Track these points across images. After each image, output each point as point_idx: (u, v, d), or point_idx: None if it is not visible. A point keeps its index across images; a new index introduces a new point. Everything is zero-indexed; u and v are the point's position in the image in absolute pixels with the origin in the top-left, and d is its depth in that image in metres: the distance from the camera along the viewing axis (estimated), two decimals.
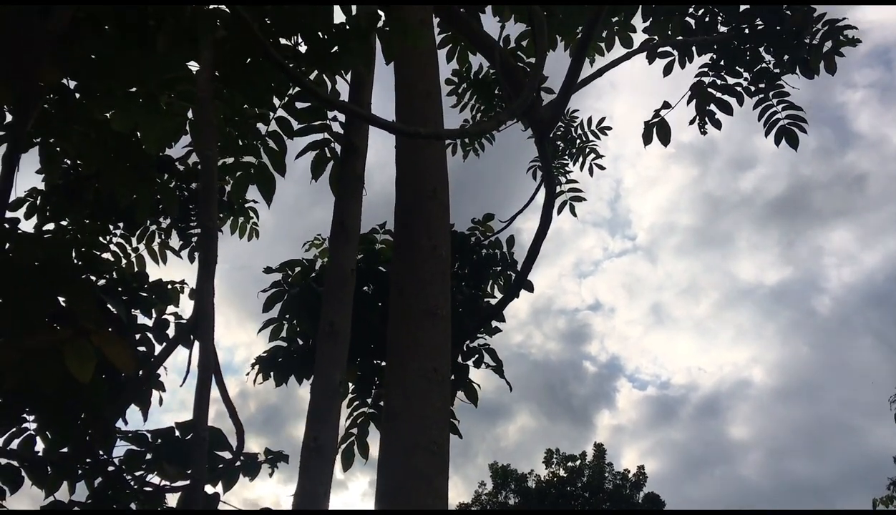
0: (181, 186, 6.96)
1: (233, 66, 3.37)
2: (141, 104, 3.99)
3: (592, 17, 5.23)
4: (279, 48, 3.44)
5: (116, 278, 5.31)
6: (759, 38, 6.81)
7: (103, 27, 4.19)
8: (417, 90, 4.25)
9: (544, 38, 3.94)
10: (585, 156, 8.68)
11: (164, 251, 5.46)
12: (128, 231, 6.68)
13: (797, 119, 7.03)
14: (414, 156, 3.95)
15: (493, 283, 8.21)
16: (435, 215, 3.81)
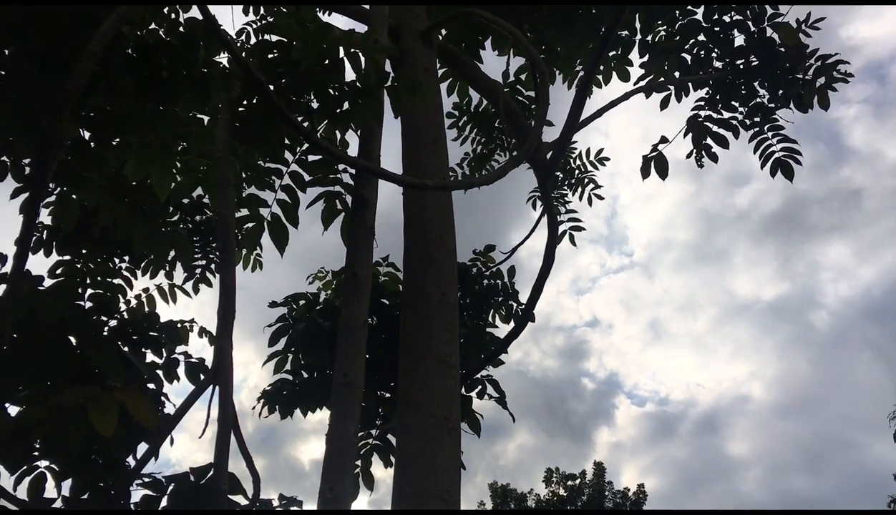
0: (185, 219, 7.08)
1: (247, 123, 3.48)
2: (155, 155, 4.11)
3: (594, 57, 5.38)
4: (292, 104, 3.57)
5: (127, 319, 5.41)
6: (754, 73, 6.96)
7: (118, 79, 4.32)
8: (423, 138, 4.38)
9: (546, 88, 4.07)
10: (584, 186, 8.81)
11: (173, 290, 5.55)
12: (133, 264, 6.79)
13: (792, 151, 7.17)
14: (421, 204, 4.07)
15: (495, 313, 8.33)
16: (443, 262, 3.92)
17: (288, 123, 3.20)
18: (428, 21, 7.54)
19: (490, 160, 8.38)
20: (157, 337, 5.31)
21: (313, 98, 3.51)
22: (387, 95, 3.58)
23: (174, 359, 5.38)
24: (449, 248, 4.02)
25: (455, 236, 4.13)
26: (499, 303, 8.31)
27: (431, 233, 3.99)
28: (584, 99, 5.29)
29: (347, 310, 3.35)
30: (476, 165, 8.41)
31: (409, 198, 4.15)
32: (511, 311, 8.24)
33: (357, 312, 3.33)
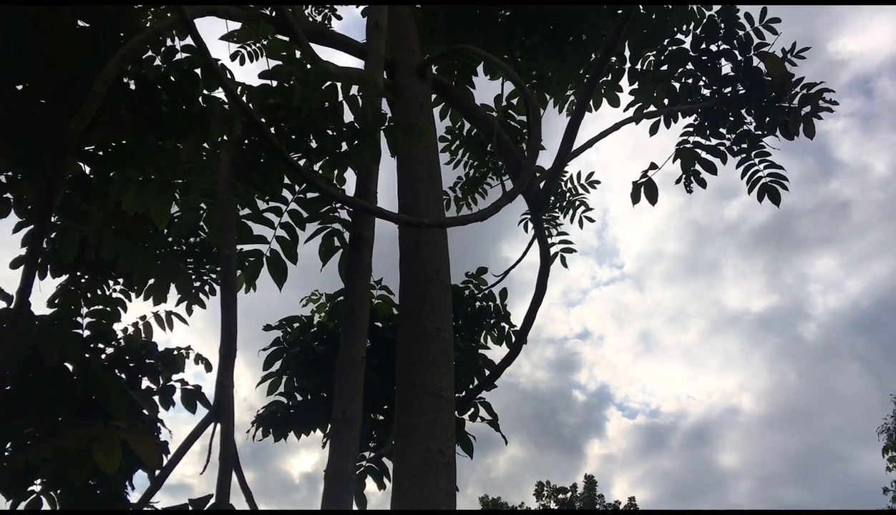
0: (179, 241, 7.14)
1: (248, 163, 3.57)
2: (155, 189, 4.19)
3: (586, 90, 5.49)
4: (291, 144, 3.66)
5: (124, 346, 5.48)
6: (741, 102, 7.10)
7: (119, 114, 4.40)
8: (419, 173, 4.48)
9: (538, 124, 4.18)
10: (576, 209, 8.92)
11: (170, 318, 5.62)
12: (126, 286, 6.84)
13: (778, 177, 7.31)
14: (416, 240, 4.16)
15: (487, 335, 8.43)
16: (437, 297, 4.02)
17: (288, 166, 3.29)
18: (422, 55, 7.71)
19: (482, 184, 8.49)
20: (154, 364, 5.39)
21: (312, 139, 3.60)
22: (384, 135, 3.68)
23: (170, 386, 5.46)
24: (444, 282, 4.11)
25: (449, 270, 4.23)
26: (491, 325, 8.42)
27: (427, 268, 4.08)
28: (576, 131, 5.41)
29: (345, 347, 3.43)
30: (468, 189, 8.52)
31: (405, 234, 4.24)
32: (503, 333, 8.34)
33: (355, 349, 3.42)
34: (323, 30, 4.97)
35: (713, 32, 7.13)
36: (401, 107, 4.80)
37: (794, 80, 7.13)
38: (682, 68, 7.27)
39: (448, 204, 8.54)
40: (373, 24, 4.28)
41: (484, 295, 8.32)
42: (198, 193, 3.90)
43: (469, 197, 8.64)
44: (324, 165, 3.70)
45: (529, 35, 7.68)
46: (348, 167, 3.65)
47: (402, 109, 4.78)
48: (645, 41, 7.53)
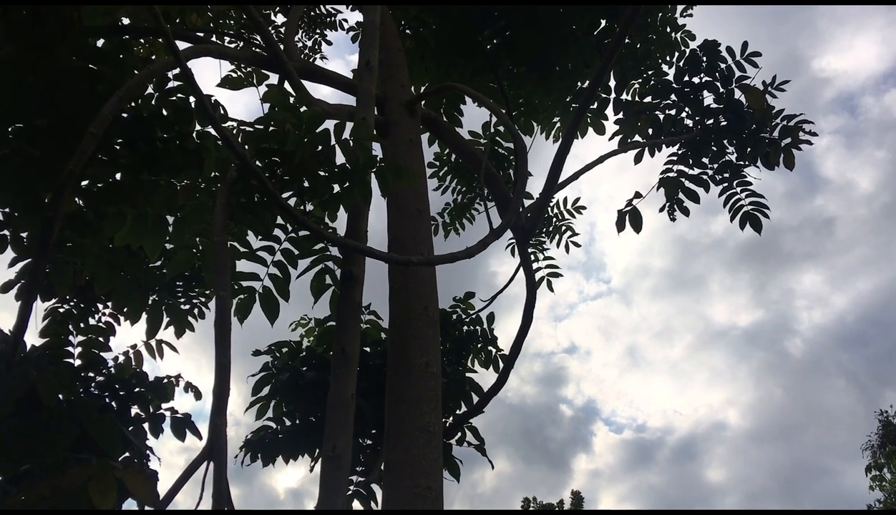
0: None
1: (243, 205, 3.67)
2: (149, 225, 4.28)
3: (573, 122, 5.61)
4: (285, 184, 3.76)
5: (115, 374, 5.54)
6: (723, 133, 7.27)
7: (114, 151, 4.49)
8: (408, 209, 4.60)
9: (524, 162, 4.30)
10: (562, 234, 9.06)
11: (160, 346, 5.68)
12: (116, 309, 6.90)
13: (760, 205, 7.48)
14: (405, 276, 4.27)
15: (474, 358, 8.54)
16: (426, 332, 4.12)
17: (282, 209, 3.39)
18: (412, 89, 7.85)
19: (470, 209, 8.61)
20: (144, 393, 5.46)
21: (305, 180, 3.71)
22: (374, 177, 3.79)
23: (160, 415, 5.52)
24: (432, 318, 4.21)
25: (438, 305, 4.33)
26: (478, 349, 8.53)
27: (415, 304, 4.18)
28: (562, 164, 5.53)
29: (336, 385, 3.51)
30: (456, 215, 8.64)
31: (395, 271, 4.35)
32: (490, 357, 8.47)
33: (345, 386, 3.50)
34: (314, 67, 5.08)
35: (695, 65, 7.30)
36: (391, 144, 4.91)
37: (774, 111, 7.32)
38: (666, 100, 7.43)
39: (436, 229, 8.66)
40: (364, 63, 4.39)
41: (471, 319, 8.44)
42: (192, 231, 3.99)
43: (457, 222, 8.76)
44: (316, 205, 3.80)
45: (517, 65, 7.84)
46: (340, 207, 3.75)
47: (392, 146, 4.90)
48: (629, 71, 7.69)
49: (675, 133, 7.38)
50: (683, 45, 8.45)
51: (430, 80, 8.09)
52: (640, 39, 8.31)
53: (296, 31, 5.19)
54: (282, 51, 4.71)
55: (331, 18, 10.00)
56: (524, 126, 8.52)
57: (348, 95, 5.33)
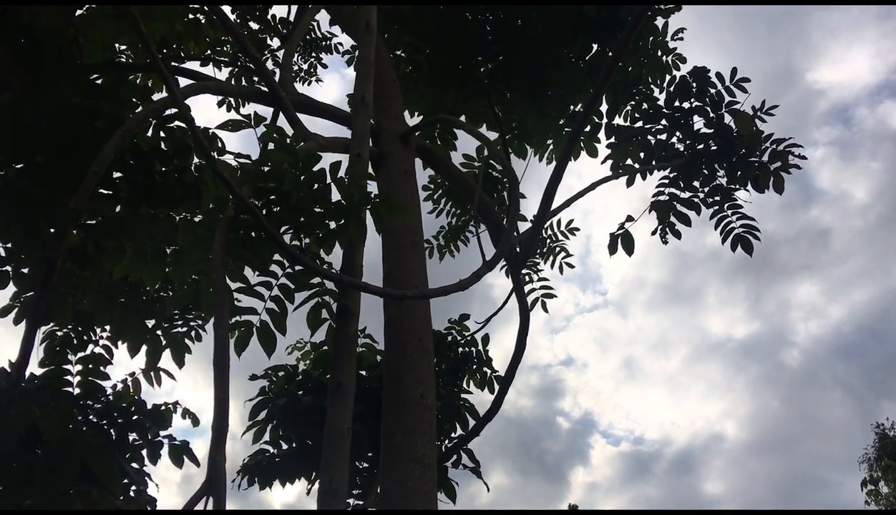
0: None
1: (240, 242, 3.75)
2: (148, 258, 4.37)
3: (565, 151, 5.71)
4: (282, 220, 3.85)
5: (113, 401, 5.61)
6: (713, 157, 7.39)
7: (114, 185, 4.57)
8: (403, 242, 4.69)
9: (517, 193, 4.40)
10: (556, 255, 9.14)
11: (158, 374, 5.75)
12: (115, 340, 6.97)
13: (751, 228, 7.58)
14: (400, 309, 4.36)
15: (470, 379, 8.62)
16: (420, 364, 4.20)
17: (279, 247, 3.48)
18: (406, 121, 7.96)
19: (464, 231, 8.70)
20: (143, 421, 5.52)
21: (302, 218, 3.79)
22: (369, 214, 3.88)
23: (158, 442, 5.59)
24: (427, 349, 4.30)
25: (432, 337, 4.41)
26: (473, 370, 8.61)
27: (410, 336, 4.27)
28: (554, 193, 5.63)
29: (332, 418, 3.59)
30: (451, 237, 8.73)
31: (390, 304, 4.43)
32: (486, 378, 8.55)
33: (341, 420, 3.58)
34: (311, 101, 5.17)
35: (685, 91, 7.42)
36: (385, 176, 5.01)
37: (763, 135, 7.44)
38: (656, 124, 7.55)
39: (431, 252, 8.74)
40: (359, 98, 4.49)
41: (466, 340, 8.52)
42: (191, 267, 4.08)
43: (451, 244, 8.85)
44: (312, 241, 3.89)
45: (510, 90, 7.95)
46: (335, 243, 3.83)
47: (387, 177, 4.99)
48: (621, 96, 7.82)
49: (665, 157, 7.49)
50: (675, 68, 8.56)
51: (425, 106, 8.20)
52: (632, 63, 8.42)
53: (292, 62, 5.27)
54: (278, 85, 4.81)
55: (326, 42, 10.13)
56: (518, 149, 8.62)
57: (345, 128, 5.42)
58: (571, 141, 5.61)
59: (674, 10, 8.48)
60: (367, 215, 3.96)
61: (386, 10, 7.92)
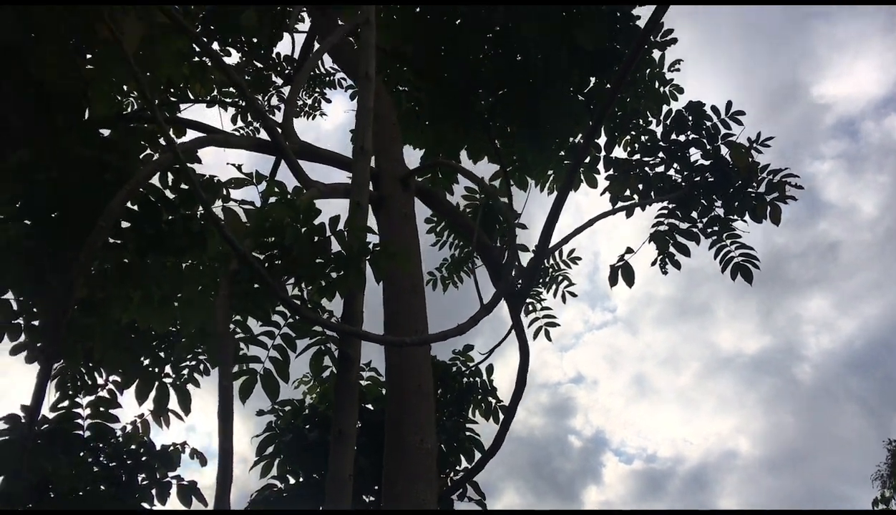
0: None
1: (244, 294, 3.87)
2: (155, 307, 4.50)
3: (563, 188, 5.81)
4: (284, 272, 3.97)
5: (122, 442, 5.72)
6: (710, 189, 7.49)
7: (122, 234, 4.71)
8: (403, 285, 4.80)
9: (514, 239, 4.51)
10: (558, 284, 9.23)
11: (167, 416, 5.86)
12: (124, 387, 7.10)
13: (750, 257, 7.67)
14: (400, 354, 4.47)
15: (475, 409, 8.71)
16: (419, 408, 4.30)
17: (281, 301, 3.60)
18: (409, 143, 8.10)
19: (467, 263, 8.80)
20: (151, 462, 5.63)
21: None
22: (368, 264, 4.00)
23: (167, 483, 5.69)
24: (426, 393, 4.40)
25: (431, 380, 4.52)
26: (478, 400, 8.70)
27: (410, 381, 4.38)
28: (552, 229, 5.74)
29: (333, 466, 3.68)
30: (453, 269, 8.84)
31: (390, 349, 4.54)
32: (490, 408, 8.64)
33: (343, 468, 3.67)
34: (313, 148, 5.32)
35: (681, 124, 7.54)
36: (385, 219, 5.14)
37: (760, 167, 7.54)
38: (654, 157, 7.67)
39: (435, 283, 8.86)
40: (359, 147, 4.62)
41: (471, 371, 8.62)
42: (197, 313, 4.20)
43: (454, 275, 8.96)
44: (313, 291, 4.00)
45: (509, 125, 8.10)
46: (335, 295, 3.95)
47: (387, 221, 5.12)
48: (618, 129, 7.95)
49: (663, 189, 7.60)
50: (672, 99, 8.68)
51: (427, 141, 8.36)
52: (629, 95, 8.55)
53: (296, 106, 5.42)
54: (280, 135, 4.95)
55: (330, 78, 10.32)
56: (519, 180, 8.76)
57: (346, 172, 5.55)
58: (570, 175, 5.72)
59: (669, 43, 8.62)
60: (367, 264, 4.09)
61: (387, 48, 8.10)
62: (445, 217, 6.33)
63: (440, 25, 7.87)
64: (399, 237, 4.98)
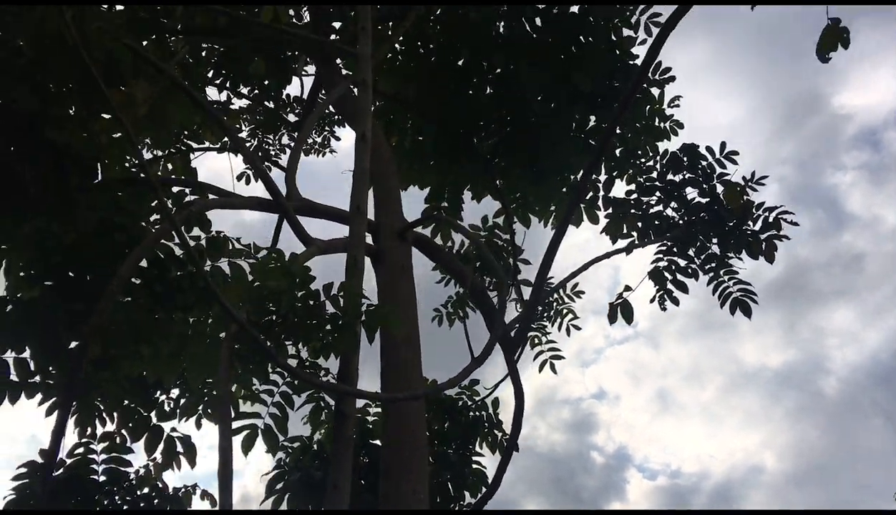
0: None
1: (244, 356, 4.12)
2: (164, 361, 4.76)
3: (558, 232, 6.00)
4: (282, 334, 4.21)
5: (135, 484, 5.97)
6: (706, 228, 7.66)
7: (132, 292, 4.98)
8: (398, 337, 5.02)
9: (505, 294, 4.72)
10: (563, 317, 9.39)
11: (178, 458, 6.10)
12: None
13: (747, 292, 7.82)
14: (395, 409, 4.70)
15: (481, 442, 8.91)
16: (412, 458, 4.53)
17: (279, 366, 3.84)
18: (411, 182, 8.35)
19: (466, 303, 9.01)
20: (163, 504, 5.87)
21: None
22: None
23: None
24: (420, 444, 4.62)
25: (425, 431, 4.73)
26: (485, 433, 8.89)
27: (404, 433, 4.61)
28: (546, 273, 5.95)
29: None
30: (458, 304, 9.05)
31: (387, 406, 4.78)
32: (496, 441, 8.82)
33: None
34: (314, 205, 5.57)
35: (677, 164, 7.73)
36: (383, 271, 5.38)
37: (755, 204, 7.71)
38: (651, 197, 7.86)
39: (440, 320, 9.08)
40: (356, 207, 4.86)
41: (476, 404, 8.82)
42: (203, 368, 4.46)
43: (459, 311, 9.17)
44: (310, 351, 4.24)
45: (511, 165, 8.32)
46: (330, 356, 4.18)
47: (385, 273, 5.36)
48: (617, 170, 8.17)
49: (660, 227, 7.78)
50: (672, 134, 8.87)
51: (428, 180, 8.61)
52: (629, 131, 8.75)
53: (298, 163, 5.68)
54: (282, 196, 5.21)
55: (338, 117, 10.62)
56: (521, 216, 8.97)
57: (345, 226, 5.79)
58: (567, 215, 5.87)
59: (667, 81, 8.83)
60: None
61: (389, 91, 8.37)
62: (442, 266, 6.54)
63: (443, 67, 8.13)
64: (395, 290, 5.22)
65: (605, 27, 8.09)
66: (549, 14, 7.92)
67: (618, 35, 8.29)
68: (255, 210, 5.18)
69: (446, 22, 8.09)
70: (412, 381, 4.87)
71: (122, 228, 4.96)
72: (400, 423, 4.67)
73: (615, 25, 8.25)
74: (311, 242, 5.05)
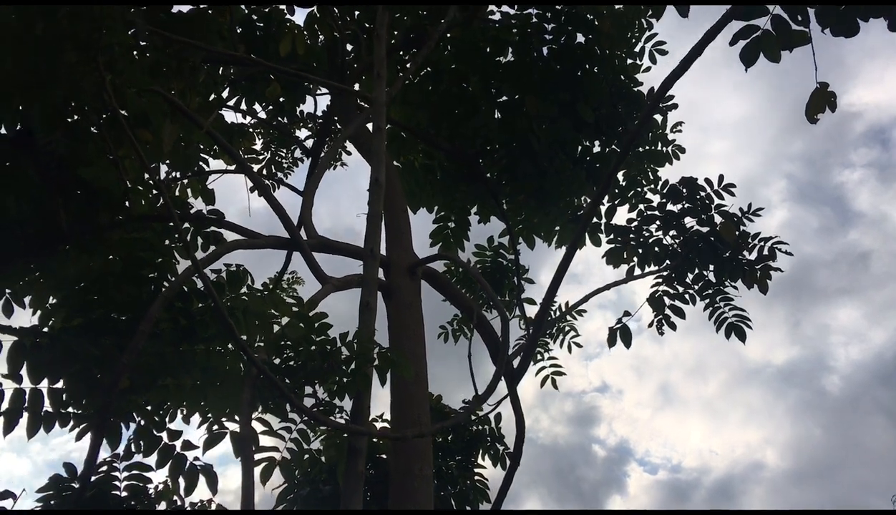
0: None
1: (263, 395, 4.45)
2: (188, 394, 5.09)
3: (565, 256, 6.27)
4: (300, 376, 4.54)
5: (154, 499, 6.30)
6: (702, 257, 7.95)
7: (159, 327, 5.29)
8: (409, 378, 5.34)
9: (507, 335, 5.03)
10: (565, 335, 9.71)
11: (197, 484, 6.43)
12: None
13: (742, 318, 8.13)
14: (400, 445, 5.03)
15: (484, 454, 9.26)
16: (420, 490, 4.86)
17: (297, 408, 4.16)
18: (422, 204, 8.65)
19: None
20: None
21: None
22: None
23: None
24: (426, 477, 4.95)
25: (432, 464, 5.06)
26: (487, 447, 9.24)
27: (412, 465, 4.93)
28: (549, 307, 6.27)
29: None
30: (464, 320, 9.38)
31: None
32: (498, 454, 9.17)
33: None
34: (330, 242, 5.87)
35: (676, 196, 8.02)
36: (394, 307, 5.70)
37: (751, 235, 8.00)
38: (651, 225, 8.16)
39: (446, 336, 9.41)
40: (369, 250, 5.16)
41: (479, 419, 9.17)
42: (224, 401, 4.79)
43: (465, 328, 9.50)
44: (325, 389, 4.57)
45: (516, 192, 8.62)
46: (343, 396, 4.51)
47: (395, 308, 5.68)
48: (619, 199, 8.47)
49: (659, 255, 8.08)
50: (675, 158, 9.15)
51: (436, 202, 8.94)
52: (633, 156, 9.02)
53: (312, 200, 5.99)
54: (299, 234, 5.53)
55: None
56: (527, 238, 9.29)
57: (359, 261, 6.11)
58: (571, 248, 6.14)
59: (670, 108, 9.11)
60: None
61: (401, 118, 8.68)
62: (449, 298, 6.86)
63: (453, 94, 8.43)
64: (404, 328, 5.54)
65: (610, 56, 8.37)
66: (557, 42, 8.19)
67: (622, 64, 8.57)
68: (273, 249, 5.49)
69: (456, 50, 8.37)
70: (420, 417, 5.19)
71: (150, 264, 5.28)
72: (408, 456, 4.99)
73: (620, 55, 8.54)
74: (326, 280, 5.36)
